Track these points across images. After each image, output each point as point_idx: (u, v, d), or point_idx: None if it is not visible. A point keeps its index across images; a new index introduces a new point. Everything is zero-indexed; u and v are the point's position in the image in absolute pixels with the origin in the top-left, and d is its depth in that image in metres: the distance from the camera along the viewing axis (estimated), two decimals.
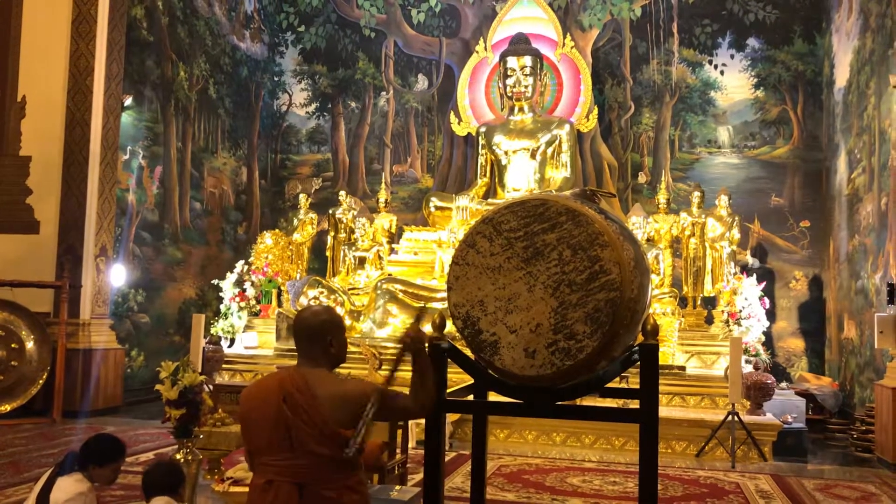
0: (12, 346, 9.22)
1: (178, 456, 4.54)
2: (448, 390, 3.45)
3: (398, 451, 5.40)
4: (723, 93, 12.88)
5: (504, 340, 3.12)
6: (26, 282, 9.33)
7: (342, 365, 2.97)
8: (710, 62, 12.94)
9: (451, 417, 8.32)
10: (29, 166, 9.97)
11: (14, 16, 10.10)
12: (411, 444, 7.20)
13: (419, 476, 3.25)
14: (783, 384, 10.56)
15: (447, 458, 7.46)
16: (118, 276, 10.50)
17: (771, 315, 11.35)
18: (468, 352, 3.37)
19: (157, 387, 4.44)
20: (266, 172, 14.49)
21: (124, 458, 3.83)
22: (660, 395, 9.08)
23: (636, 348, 3.23)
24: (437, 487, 3.18)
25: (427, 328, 3.23)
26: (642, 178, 13.03)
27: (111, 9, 10.10)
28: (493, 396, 3.65)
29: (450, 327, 4.08)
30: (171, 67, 11.82)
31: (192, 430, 4.51)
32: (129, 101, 10.77)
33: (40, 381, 9.24)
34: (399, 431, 5.42)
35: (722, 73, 12.87)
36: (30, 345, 9.30)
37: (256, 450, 2.78)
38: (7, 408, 9.03)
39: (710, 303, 10.66)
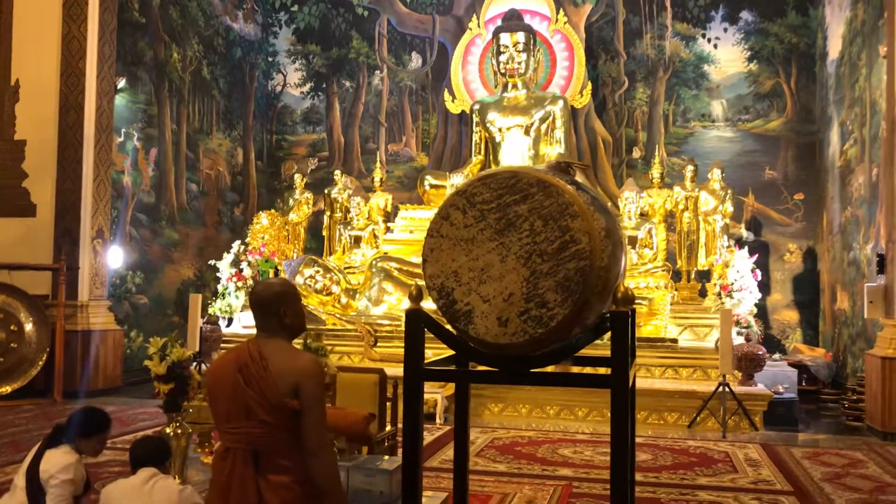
0: (11, 328, 9.32)
1: (167, 430, 4.64)
2: (428, 361, 3.51)
3: (388, 423, 5.49)
4: (716, 66, 12.85)
5: (478, 310, 3.18)
6: (24, 264, 9.42)
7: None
8: (704, 36, 12.90)
9: (446, 392, 8.41)
10: (24, 150, 10.02)
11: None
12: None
13: None
14: (776, 355, 10.62)
15: (442, 433, 7.59)
16: (115, 257, 10.58)
17: (765, 287, 11.41)
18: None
19: (146, 362, 4.53)
20: (262, 153, 14.53)
21: (110, 429, 3.94)
22: (652, 368, 9.19)
23: (608, 316, 3.28)
24: (416, 452, 3.25)
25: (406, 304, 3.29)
26: (637, 153, 13.04)
27: None
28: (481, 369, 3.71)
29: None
30: (163, 49, 11.83)
31: (181, 405, 4.61)
32: (122, 83, 10.80)
33: (40, 363, 9.35)
34: (389, 405, 5.51)
35: (715, 46, 12.83)
36: (29, 327, 9.40)
37: (217, 418, 2.89)
38: (7, 389, 9.14)
39: (705, 276, 10.71)
